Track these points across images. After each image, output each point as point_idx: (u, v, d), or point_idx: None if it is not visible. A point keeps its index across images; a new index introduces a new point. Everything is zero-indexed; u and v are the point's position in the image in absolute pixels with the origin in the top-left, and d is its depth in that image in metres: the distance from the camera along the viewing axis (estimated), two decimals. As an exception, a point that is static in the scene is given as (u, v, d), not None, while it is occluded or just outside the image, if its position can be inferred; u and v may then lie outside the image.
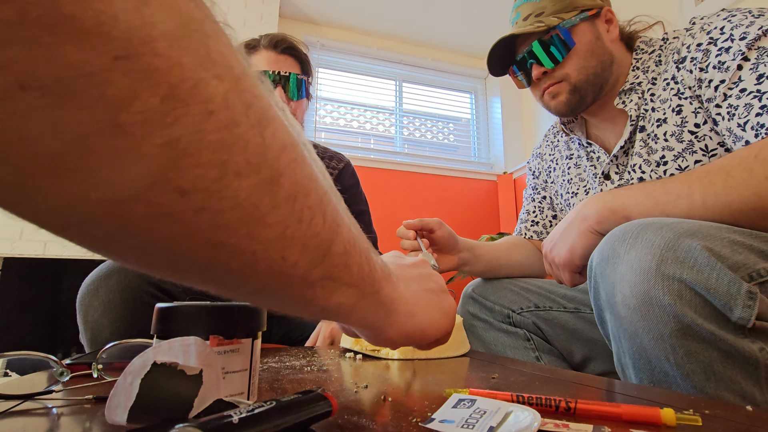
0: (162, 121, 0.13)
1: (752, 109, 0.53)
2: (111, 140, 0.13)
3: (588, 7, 0.74)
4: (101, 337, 0.69)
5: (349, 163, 1.14)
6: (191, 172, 0.15)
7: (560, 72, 0.74)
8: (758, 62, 0.54)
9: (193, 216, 0.16)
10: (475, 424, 0.26)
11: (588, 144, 0.82)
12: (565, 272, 0.66)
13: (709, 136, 0.62)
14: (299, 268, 0.21)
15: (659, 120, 0.68)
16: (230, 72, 0.16)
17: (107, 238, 0.16)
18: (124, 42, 0.12)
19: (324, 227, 0.22)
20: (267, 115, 0.18)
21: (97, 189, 0.14)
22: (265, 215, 0.18)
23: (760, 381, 0.42)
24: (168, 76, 0.13)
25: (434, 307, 0.34)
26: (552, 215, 0.96)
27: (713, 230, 0.46)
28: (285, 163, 0.19)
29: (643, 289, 0.45)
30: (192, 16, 0.14)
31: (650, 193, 0.55)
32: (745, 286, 0.41)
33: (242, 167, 0.16)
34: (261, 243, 0.19)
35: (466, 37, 2.95)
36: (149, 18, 0.12)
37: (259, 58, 0.96)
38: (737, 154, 0.50)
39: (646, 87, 0.71)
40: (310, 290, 0.23)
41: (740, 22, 0.58)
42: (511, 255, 0.92)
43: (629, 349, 0.49)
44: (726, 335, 0.42)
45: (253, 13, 2.62)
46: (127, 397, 0.22)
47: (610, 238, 0.51)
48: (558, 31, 0.72)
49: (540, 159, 0.99)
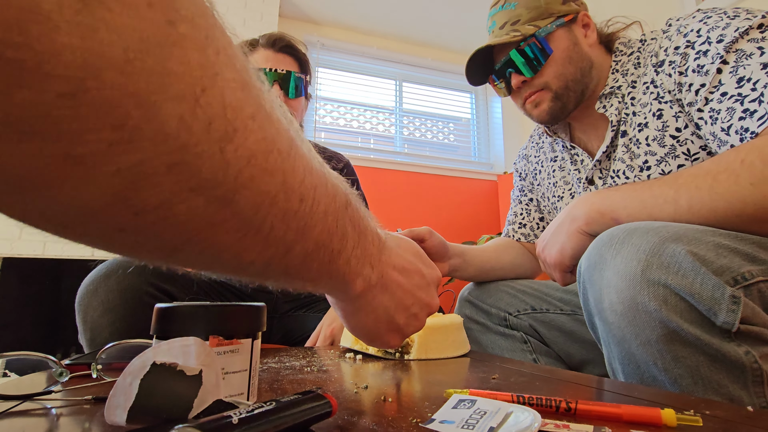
0: (113, 151, 0.14)
1: (735, 113, 0.53)
2: (66, 169, 0.13)
3: (564, 13, 0.74)
4: (101, 338, 0.69)
5: (348, 163, 1.15)
6: (145, 193, 0.15)
7: (540, 80, 0.74)
8: (737, 65, 0.54)
9: (149, 228, 0.17)
10: (476, 424, 0.26)
11: (572, 147, 0.83)
12: (557, 272, 0.67)
13: (691, 140, 0.63)
14: (256, 266, 0.22)
15: (640, 125, 0.68)
16: (193, 86, 0.15)
17: (77, 240, 0.17)
18: (67, 79, 0.12)
19: (287, 232, 0.22)
20: (235, 126, 0.17)
21: (57, 207, 0.15)
22: (220, 226, 0.19)
23: (747, 384, 0.42)
24: (116, 108, 0.13)
25: (389, 323, 0.36)
26: (539, 217, 0.97)
27: (699, 234, 0.46)
28: (249, 176, 0.18)
29: (630, 294, 0.45)
30: (153, 28, 0.13)
31: (638, 196, 0.56)
32: (728, 290, 0.42)
33: (199, 184, 0.16)
34: (216, 245, 0.19)
35: (466, 36, 2.95)
36: (97, 47, 0.12)
37: (258, 57, 0.96)
38: (724, 158, 0.50)
39: (626, 90, 0.71)
40: (266, 280, 0.25)
41: (716, 24, 0.58)
42: (500, 257, 0.92)
43: (618, 354, 0.49)
44: (711, 339, 0.42)
45: (253, 13, 2.61)
46: (127, 397, 0.22)
47: (597, 243, 0.52)
48: (535, 39, 0.72)
49: (526, 161, 0.99)
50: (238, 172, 0.18)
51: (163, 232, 0.17)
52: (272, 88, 0.92)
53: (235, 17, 2.59)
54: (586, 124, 0.80)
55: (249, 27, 2.59)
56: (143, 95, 0.13)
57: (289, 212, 0.21)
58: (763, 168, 0.46)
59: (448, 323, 0.62)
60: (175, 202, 0.16)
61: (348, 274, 0.29)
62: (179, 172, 0.15)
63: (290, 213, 0.21)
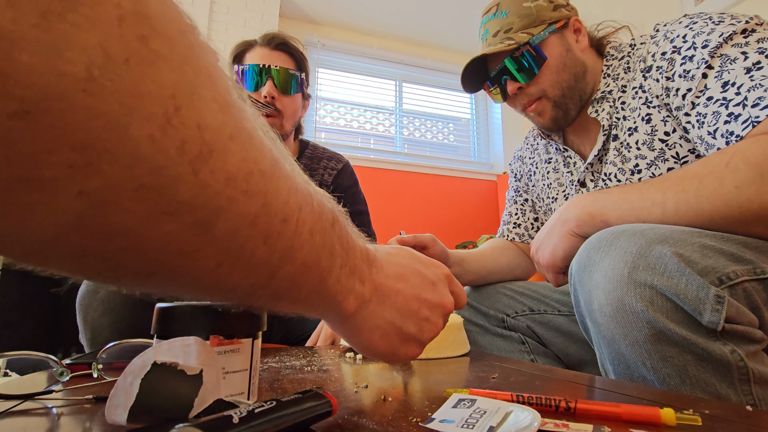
0: (76, 175, 0.13)
1: (720, 117, 0.54)
2: (23, 194, 0.12)
3: (555, 20, 0.74)
4: (101, 337, 0.69)
5: (347, 164, 1.15)
6: (112, 218, 0.14)
7: (535, 87, 0.75)
8: (722, 70, 0.55)
9: (119, 254, 0.16)
10: (475, 424, 0.26)
11: (564, 149, 0.83)
12: (549, 273, 0.68)
13: (680, 144, 0.63)
14: (240, 289, 0.21)
15: (630, 129, 0.69)
16: (165, 105, 0.14)
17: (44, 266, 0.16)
18: (21, 99, 0.11)
19: (272, 255, 0.21)
20: (211, 148, 0.16)
21: (14, 234, 0.14)
22: (198, 251, 0.18)
23: (734, 382, 0.42)
24: (77, 128, 0.12)
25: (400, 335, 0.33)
26: (534, 218, 0.97)
27: (685, 235, 0.47)
28: (228, 198, 0.17)
29: (617, 296, 0.46)
30: (121, 45, 0.13)
31: (627, 198, 0.56)
32: (713, 290, 0.42)
33: (172, 208, 0.15)
34: (195, 271, 0.18)
35: (467, 37, 2.95)
36: (62, 67, 0.11)
37: (254, 55, 0.96)
38: (710, 161, 0.51)
39: (617, 95, 0.72)
40: (254, 303, 0.24)
41: (701, 29, 0.59)
42: (497, 261, 0.93)
43: (609, 355, 0.50)
44: (698, 339, 0.43)
45: (253, 13, 2.62)
46: (127, 397, 0.22)
47: (586, 246, 0.53)
48: (529, 46, 0.72)
49: (521, 162, 1.00)
50: (215, 194, 0.17)
51: (135, 258, 0.16)
52: (265, 84, 0.93)
53: (236, 17, 2.59)
54: (578, 128, 0.81)
55: (249, 27, 2.59)
56: (108, 115, 0.13)
57: (272, 234, 0.20)
58: (747, 171, 0.46)
59: (448, 323, 0.62)
60: (146, 227, 0.15)
61: (339, 293, 0.28)
62: (149, 195, 0.15)
63: (273, 235, 0.20)
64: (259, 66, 0.93)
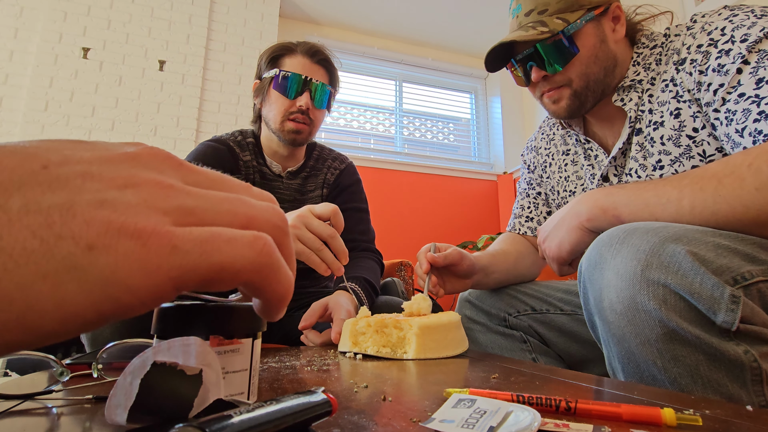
0: None
1: (750, 114, 0.52)
2: None
3: (594, 5, 0.69)
4: (101, 337, 0.69)
5: (350, 164, 1.19)
6: None
7: (561, 77, 0.72)
8: (758, 66, 0.53)
9: None
10: (476, 423, 0.26)
11: (586, 141, 0.81)
12: (554, 264, 0.68)
13: (707, 141, 0.62)
14: None
15: (656, 123, 0.67)
16: None
17: None
18: None
19: None
20: None
21: None
22: None
23: (746, 383, 0.42)
24: None
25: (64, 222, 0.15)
26: (547, 211, 0.95)
27: (699, 234, 0.46)
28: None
29: (629, 294, 0.45)
30: None
31: (641, 195, 0.55)
32: (728, 290, 0.42)
33: None
34: None
35: (466, 36, 2.95)
36: None
37: (294, 62, 1.00)
38: (731, 161, 0.50)
39: (645, 86, 0.70)
40: None
41: (742, 22, 0.57)
42: (517, 266, 0.91)
43: (618, 354, 0.49)
44: (711, 339, 0.42)
45: (253, 13, 2.62)
46: (127, 397, 0.22)
47: (597, 243, 0.52)
48: (562, 36, 0.68)
49: (535, 152, 0.96)
50: None
51: None
52: (303, 95, 0.97)
53: (236, 17, 2.59)
54: (601, 118, 0.78)
55: (250, 27, 2.59)
56: None
57: None
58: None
59: (446, 321, 0.62)
60: None
61: None
62: None
63: None
64: (301, 77, 0.98)
